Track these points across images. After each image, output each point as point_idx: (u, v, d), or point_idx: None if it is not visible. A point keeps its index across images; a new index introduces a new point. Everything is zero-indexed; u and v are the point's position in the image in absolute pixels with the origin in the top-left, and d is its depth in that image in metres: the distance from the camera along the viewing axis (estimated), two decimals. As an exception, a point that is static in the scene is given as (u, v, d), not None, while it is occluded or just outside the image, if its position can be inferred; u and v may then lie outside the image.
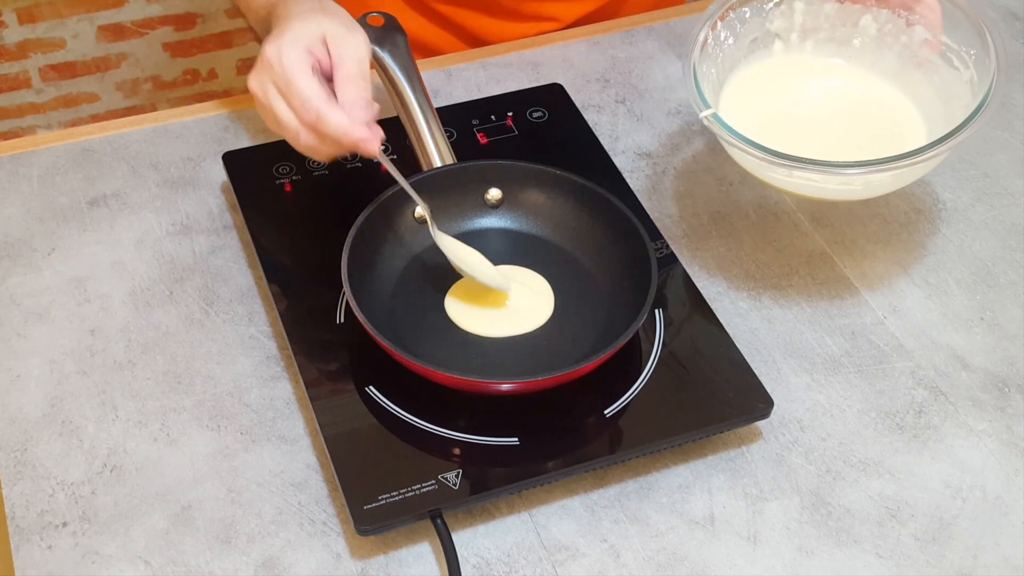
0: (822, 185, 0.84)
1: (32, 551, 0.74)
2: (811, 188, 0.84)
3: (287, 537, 0.75)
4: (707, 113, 0.84)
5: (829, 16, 0.93)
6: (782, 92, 0.92)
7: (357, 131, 0.78)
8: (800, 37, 0.94)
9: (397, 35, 0.92)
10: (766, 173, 0.85)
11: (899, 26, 0.91)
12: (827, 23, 0.93)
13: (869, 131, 0.89)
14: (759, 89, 0.91)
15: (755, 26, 0.92)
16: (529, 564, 0.74)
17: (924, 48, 0.91)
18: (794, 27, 0.93)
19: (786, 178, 0.84)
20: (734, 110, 0.87)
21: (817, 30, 0.94)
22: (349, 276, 0.80)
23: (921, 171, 0.84)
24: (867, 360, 0.87)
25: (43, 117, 2.35)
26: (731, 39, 0.91)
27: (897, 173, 0.82)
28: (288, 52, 0.79)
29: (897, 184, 0.86)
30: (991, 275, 0.93)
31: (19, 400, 0.81)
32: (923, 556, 0.76)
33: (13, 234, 0.92)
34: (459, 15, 1.15)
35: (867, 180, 0.83)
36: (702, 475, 0.79)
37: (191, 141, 1.00)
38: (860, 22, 0.93)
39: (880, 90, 0.93)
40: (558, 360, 0.81)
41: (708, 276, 0.92)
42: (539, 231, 0.90)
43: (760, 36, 0.93)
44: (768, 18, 0.92)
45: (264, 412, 0.81)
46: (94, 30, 2.26)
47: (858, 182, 0.83)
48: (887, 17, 0.92)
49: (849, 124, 0.90)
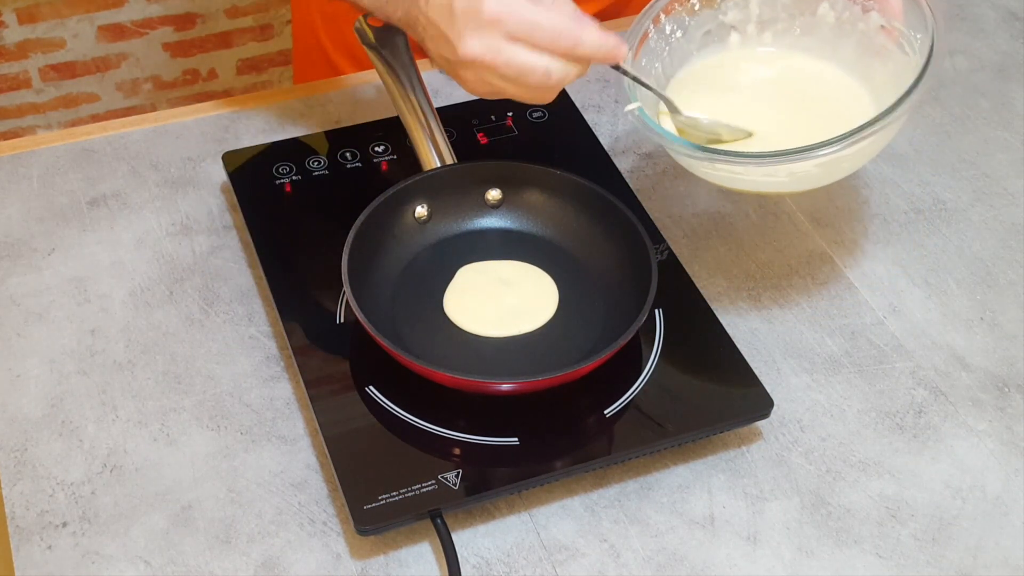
0: (746, 177, 0.81)
1: (32, 551, 0.74)
2: (739, 181, 0.82)
3: (287, 537, 0.75)
4: (632, 107, 0.81)
5: (786, 5, 0.90)
6: (733, 85, 0.89)
7: (611, 39, 0.76)
8: (758, 28, 0.91)
9: (397, 35, 0.92)
10: (696, 168, 0.82)
11: (856, 13, 0.88)
12: (785, 12, 0.90)
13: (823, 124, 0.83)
14: (711, 82, 0.88)
15: (707, 18, 0.89)
16: (529, 564, 0.74)
17: (881, 35, 0.87)
18: (751, 18, 0.90)
19: (711, 171, 0.81)
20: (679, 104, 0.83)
21: (775, 20, 0.90)
22: (349, 276, 0.80)
23: (851, 164, 0.81)
24: (867, 360, 0.87)
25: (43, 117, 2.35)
26: (679, 32, 0.88)
27: (823, 164, 0.79)
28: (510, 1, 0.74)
29: (828, 177, 0.82)
30: (991, 275, 0.93)
31: (19, 400, 0.81)
32: (923, 556, 0.76)
33: (13, 234, 0.92)
34: None
35: (791, 170, 0.79)
36: (702, 475, 0.79)
37: (191, 141, 1.00)
38: (818, 10, 0.89)
39: (837, 81, 0.89)
40: (558, 360, 0.81)
41: (708, 276, 0.92)
42: (539, 231, 0.90)
43: (714, 28, 0.89)
44: (721, 9, 0.89)
45: (264, 412, 0.81)
46: (94, 30, 2.26)
47: (781, 172, 0.80)
48: (844, 4, 0.88)
49: (802, 118, 0.86)
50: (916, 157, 1.03)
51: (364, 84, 1.07)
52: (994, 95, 1.09)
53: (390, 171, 0.94)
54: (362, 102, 1.05)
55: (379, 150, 0.96)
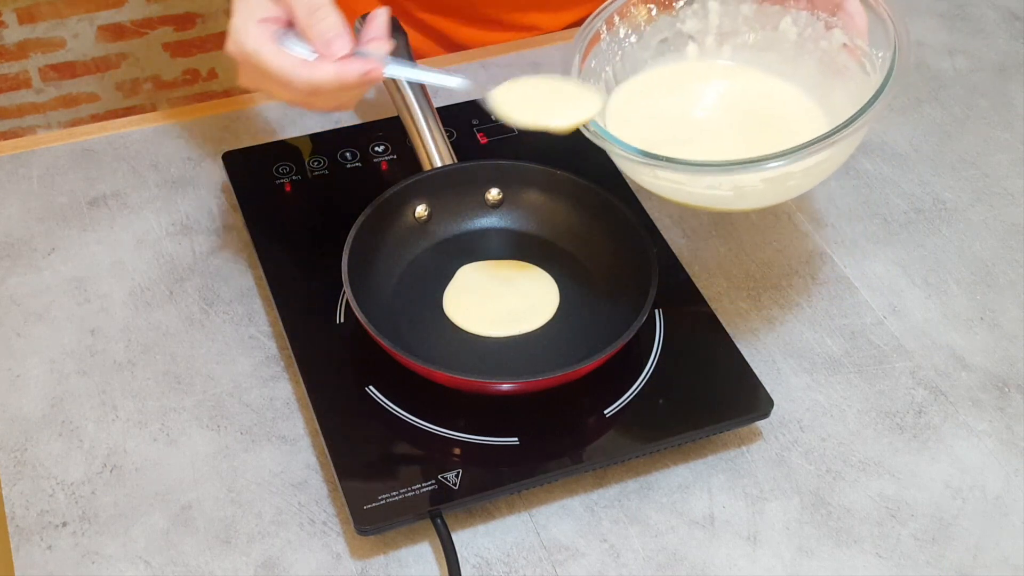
0: (689, 188, 0.76)
1: (32, 551, 0.74)
2: (681, 193, 0.78)
3: (287, 537, 0.75)
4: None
5: (747, 18, 0.86)
6: (684, 97, 0.86)
7: (352, 68, 0.74)
8: (717, 41, 0.87)
9: (397, 35, 0.92)
10: (639, 175, 0.79)
11: (818, 30, 0.84)
12: (745, 25, 0.86)
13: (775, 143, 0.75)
14: (660, 93, 0.85)
15: (664, 25, 0.86)
16: (529, 564, 0.74)
17: (843, 54, 0.84)
18: (709, 29, 0.86)
19: (652, 179, 0.78)
20: (622, 111, 0.81)
21: (735, 33, 0.86)
22: (349, 276, 0.80)
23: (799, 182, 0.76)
24: (867, 360, 0.87)
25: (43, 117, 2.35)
26: (633, 37, 0.85)
27: (770, 179, 0.75)
28: (243, 36, 0.74)
29: (774, 195, 0.79)
30: (991, 275, 0.93)
31: (19, 400, 0.81)
32: (923, 556, 0.76)
33: (13, 234, 0.92)
34: (441, 23, 1.15)
35: (736, 183, 0.75)
36: (702, 475, 0.79)
37: (191, 141, 1.00)
38: (780, 25, 0.86)
39: (794, 101, 0.85)
40: (558, 360, 0.81)
41: (708, 276, 0.92)
42: (539, 231, 0.90)
43: (671, 37, 0.86)
44: (679, 17, 0.86)
45: (264, 412, 0.81)
46: (94, 30, 2.26)
47: (726, 185, 0.75)
48: (807, 20, 0.85)
49: (753, 135, 0.82)
50: (916, 157, 1.03)
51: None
52: (994, 95, 1.09)
53: (390, 171, 0.94)
54: (362, 102, 1.05)
55: (379, 150, 0.96)
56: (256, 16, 0.75)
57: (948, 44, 1.15)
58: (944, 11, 1.18)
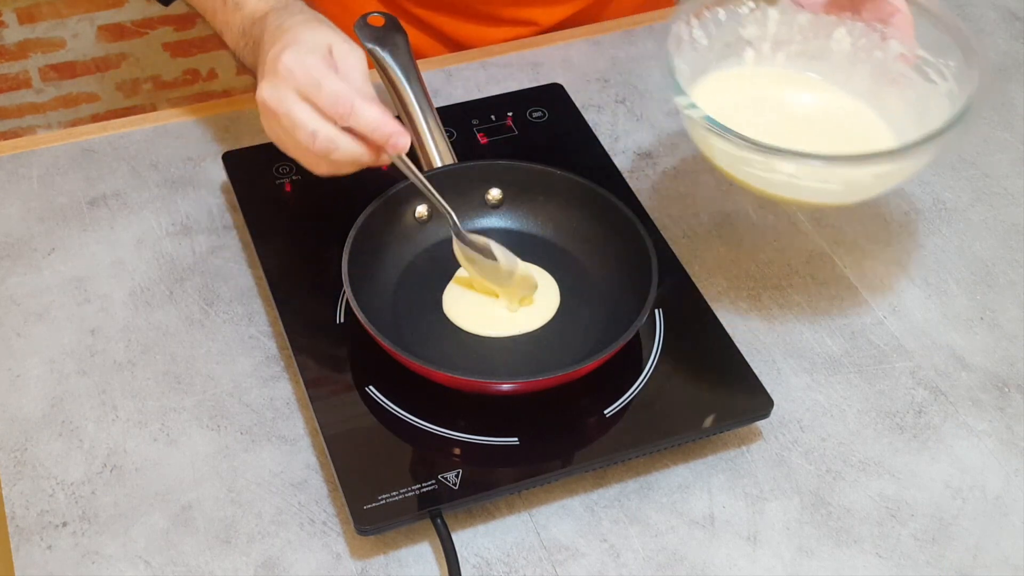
0: (802, 183, 0.80)
1: (32, 551, 0.74)
2: (789, 187, 0.81)
3: (287, 537, 0.75)
4: (685, 101, 0.80)
5: (803, 27, 0.90)
6: (749, 103, 0.89)
7: (391, 123, 0.77)
8: (772, 48, 0.91)
9: (397, 35, 0.92)
10: (743, 168, 0.81)
11: (873, 40, 0.89)
12: (800, 35, 0.90)
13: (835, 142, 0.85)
14: (727, 97, 0.88)
15: (729, 30, 0.89)
16: (529, 564, 0.74)
17: (899, 63, 0.88)
18: (767, 36, 0.90)
19: (762, 173, 0.80)
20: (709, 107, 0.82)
21: (790, 42, 0.91)
22: (349, 276, 0.80)
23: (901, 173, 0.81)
24: (867, 360, 0.87)
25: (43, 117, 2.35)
26: (705, 40, 0.88)
27: (880, 174, 0.80)
28: (308, 57, 0.77)
29: (877, 188, 0.83)
30: (991, 275, 0.93)
31: (19, 400, 0.81)
32: (923, 556, 0.76)
33: (13, 234, 0.92)
34: (437, 19, 1.15)
35: (848, 178, 0.80)
36: (702, 475, 0.79)
37: (191, 141, 1.00)
38: (834, 34, 0.90)
39: (850, 107, 0.90)
40: (558, 360, 0.81)
41: (708, 276, 0.92)
42: (539, 231, 0.90)
43: (733, 41, 0.90)
44: (742, 23, 0.89)
45: (264, 412, 0.81)
46: (94, 30, 2.26)
47: (838, 179, 0.80)
48: (862, 31, 0.89)
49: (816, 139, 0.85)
50: (916, 157, 1.03)
51: (364, 84, 1.07)
52: (994, 95, 1.09)
53: (390, 171, 0.94)
54: (362, 102, 1.05)
55: (379, 150, 0.96)
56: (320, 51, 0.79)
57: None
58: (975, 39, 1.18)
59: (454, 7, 1.14)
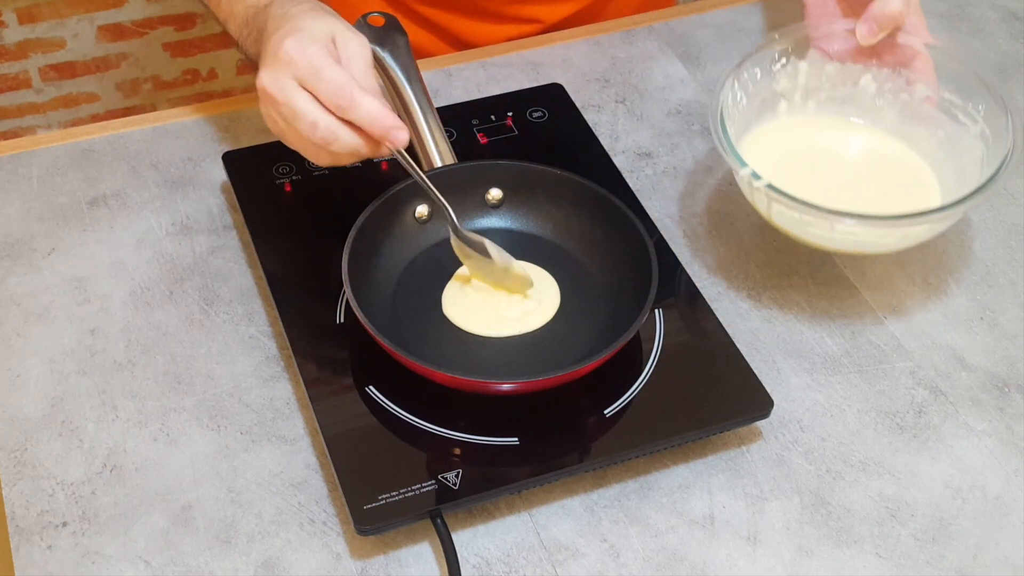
0: (863, 239, 0.84)
1: (32, 551, 0.74)
2: (849, 242, 0.85)
3: (287, 537, 0.75)
4: (746, 172, 0.84)
5: (831, 76, 0.94)
6: (795, 155, 0.92)
7: (390, 117, 0.77)
8: (803, 97, 0.95)
9: (397, 35, 0.92)
10: (806, 229, 0.85)
11: (899, 84, 0.93)
12: (828, 83, 0.95)
13: (882, 185, 0.91)
14: (772, 151, 0.92)
15: (764, 87, 0.93)
16: (529, 564, 0.74)
17: (926, 104, 0.92)
18: (798, 87, 0.94)
19: (827, 233, 0.84)
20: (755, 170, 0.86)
21: (819, 90, 0.95)
22: (349, 276, 0.80)
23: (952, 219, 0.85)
24: (867, 360, 0.87)
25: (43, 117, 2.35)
26: (744, 100, 0.92)
27: (933, 225, 0.83)
28: (310, 46, 0.77)
29: (928, 234, 0.86)
30: (991, 275, 0.93)
31: (19, 400, 0.81)
32: (923, 556, 0.76)
33: (13, 234, 0.92)
34: (441, 17, 1.15)
35: (905, 233, 0.84)
36: (702, 475, 0.79)
37: (191, 141, 1.00)
38: (860, 81, 0.94)
39: (889, 146, 0.93)
40: (558, 360, 0.81)
41: (708, 276, 0.92)
42: (539, 231, 0.90)
43: (768, 96, 0.94)
44: (775, 78, 0.93)
45: (264, 412, 0.81)
46: (94, 30, 2.26)
47: (895, 235, 0.84)
48: (887, 76, 0.93)
49: (869, 188, 0.90)
50: (916, 157, 1.03)
51: (364, 84, 1.07)
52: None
53: (390, 171, 0.94)
54: (362, 102, 1.05)
55: (379, 150, 0.96)
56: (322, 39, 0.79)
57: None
58: (944, 11, 1.18)
59: (458, 5, 1.14)
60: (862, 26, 0.90)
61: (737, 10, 1.17)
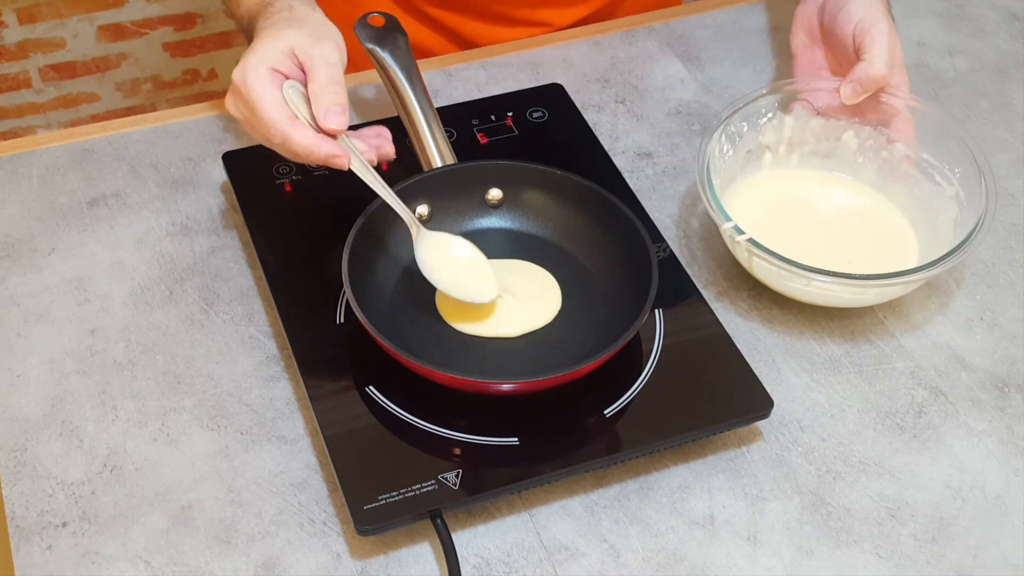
0: (839, 294, 0.85)
1: (32, 551, 0.74)
2: (823, 296, 0.86)
3: (287, 537, 0.75)
4: (729, 226, 0.85)
5: (815, 130, 0.95)
6: (778, 207, 0.94)
7: (323, 148, 0.80)
8: (787, 150, 0.96)
9: (398, 35, 0.92)
10: (785, 283, 0.86)
11: (880, 142, 0.94)
12: (812, 137, 0.96)
13: (862, 238, 0.92)
14: (756, 203, 0.93)
15: (750, 139, 0.94)
16: (529, 564, 0.74)
17: (904, 163, 0.93)
18: (783, 140, 0.96)
19: (803, 287, 0.85)
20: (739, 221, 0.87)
21: (803, 143, 0.96)
22: (349, 276, 0.80)
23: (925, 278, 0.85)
24: (867, 360, 0.87)
25: (43, 117, 2.35)
26: (731, 151, 0.93)
27: (906, 284, 0.85)
28: (251, 76, 0.80)
29: (904, 292, 0.87)
30: (991, 275, 0.93)
31: (19, 400, 0.81)
32: (923, 556, 0.76)
33: (13, 234, 0.92)
34: (450, 19, 1.15)
35: (879, 292, 0.85)
36: (702, 475, 0.79)
37: (191, 141, 1.00)
38: (843, 137, 0.95)
39: (868, 199, 0.95)
40: (558, 360, 0.81)
41: (708, 276, 0.92)
42: (539, 231, 0.90)
43: (754, 148, 0.95)
44: (761, 131, 0.95)
45: (264, 412, 0.81)
46: (94, 30, 2.26)
47: (871, 293, 0.85)
48: (868, 133, 0.94)
49: (848, 242, 0.91)
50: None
51: (364, 84, 1.07)
52: (994, 95, 1.09)
53: (390, 171, 0.94)
54: (362, 102, 1.05)
55: (379, 150, 0.96)
56: (270, 62, 0.81)
57: (948, 44, 1.15)
58: (944, 11, 1.18)
59: (468, 7, 1.14)
60: (846, 87, 0.91)
61: (737, 10, 1.17)
